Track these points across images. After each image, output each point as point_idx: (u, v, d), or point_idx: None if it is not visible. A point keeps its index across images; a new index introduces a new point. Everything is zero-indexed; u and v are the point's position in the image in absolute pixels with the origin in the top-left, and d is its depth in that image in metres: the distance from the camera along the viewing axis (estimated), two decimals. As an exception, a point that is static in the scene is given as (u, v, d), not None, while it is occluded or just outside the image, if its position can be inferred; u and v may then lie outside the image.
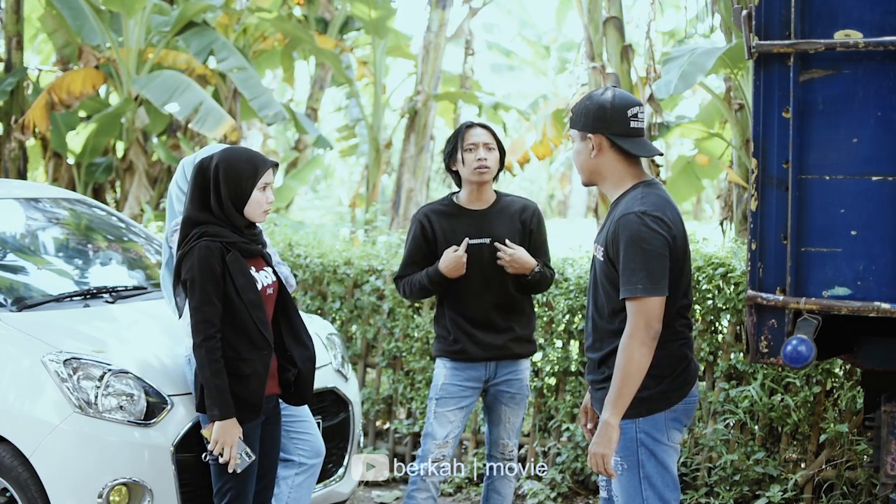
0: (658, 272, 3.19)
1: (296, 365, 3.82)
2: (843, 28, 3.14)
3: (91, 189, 11.82)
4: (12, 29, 11.65)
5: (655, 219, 3.22)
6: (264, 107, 10.44)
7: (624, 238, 3.21)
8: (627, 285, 3.20)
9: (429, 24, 12.59)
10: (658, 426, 3.31)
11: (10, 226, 4.97)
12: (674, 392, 3.33)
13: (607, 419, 3.19)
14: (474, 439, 6.06)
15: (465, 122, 4.38)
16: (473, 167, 4.29)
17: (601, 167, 3.37)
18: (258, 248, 3.82)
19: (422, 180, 12.73)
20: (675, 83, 7.13)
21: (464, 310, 4.38)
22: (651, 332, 3.18)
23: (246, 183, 3.70)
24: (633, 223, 3.21)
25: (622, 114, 3.32)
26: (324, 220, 21.90)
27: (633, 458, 3.30)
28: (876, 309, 3.10)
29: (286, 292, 3.88)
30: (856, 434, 4.87)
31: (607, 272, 3.31)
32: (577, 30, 19.29)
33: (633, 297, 3.18)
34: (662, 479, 3.32)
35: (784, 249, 3.23)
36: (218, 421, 3.60)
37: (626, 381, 3.17)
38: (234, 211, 3.71)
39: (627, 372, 3.17)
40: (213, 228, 3.68)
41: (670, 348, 3.30)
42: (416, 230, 4.42)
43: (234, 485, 3.70)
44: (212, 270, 3.61)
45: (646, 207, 3.23)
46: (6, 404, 3.91)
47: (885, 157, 3.11)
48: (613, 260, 3.27)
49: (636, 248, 3.19)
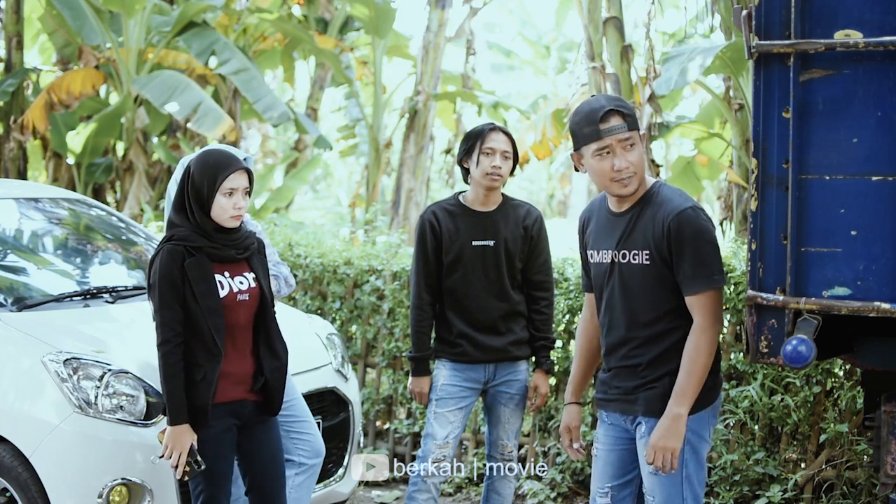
0: (720, 263, 3.30)
1: (264, 374, 3.77)
2: (843, 28, 3.14)
3: (91, 189, 11.83)
4: (12, 29, 11.66)
5: (704, 212, 3.30)
6: (268, 108, 10.43)
7: (690, 233, 3.24)
8: (703, 278, 3.24)
9: (428, 24, 12.59)
10: (703, 423, 3.34)
11: (10, 226, 4.97)
12: (715, 387, 3.38)
13: (679, 412, 3.20)
14: (474, 439, 6.06)
15: (489, 124, 4.34)
16: (487, 172, 4.28)
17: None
18: (233, 253, 3.74)
19: (422, 180, 12.73)
20: (674, 79, 7.14)
21: (465, 311, 4.37)
22: (722, 324, 3.31)
23: (207, 188, 3.65)
24: (693, 218, 3.26)
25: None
26: (324, 220, 21.89)
27: (679, 458, 3.29)
28: (876, 309, 3.10)
29: (266, 300, 3.81)
30: (856, 434, 4.87)
31: (657, 274, 3.30)
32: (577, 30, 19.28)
33: (709, 289, 3.23)
34: (699, 478, 3.35)
35: (784, 249, 3.22)
36: (169, 426, 3.58)
37: (701, 375, 3.21)
38: (203, 215, 3.67)
39: (703, 365, 3.21)
40: (181, 231, 3.66)
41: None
42: (422, 232, 4.39)
43: (206, 487, 3.67)
44: (170, 275, 3.60)
45: (693, 202, 3.29)
46: (6, 404, 3.91)
47: (885, 157, 3.10)
48: (667, 259, 3.28)
49: (703, 241, 3.25)
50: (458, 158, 4.39)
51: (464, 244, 4.34)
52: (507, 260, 4.37)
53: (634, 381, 3.37)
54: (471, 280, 4.34)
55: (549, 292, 4.48)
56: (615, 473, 3.49)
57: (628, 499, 3.50)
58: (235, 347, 3.73)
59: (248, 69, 10.49)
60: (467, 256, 4.35)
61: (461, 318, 4.37)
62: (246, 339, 3.77)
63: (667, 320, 3.30)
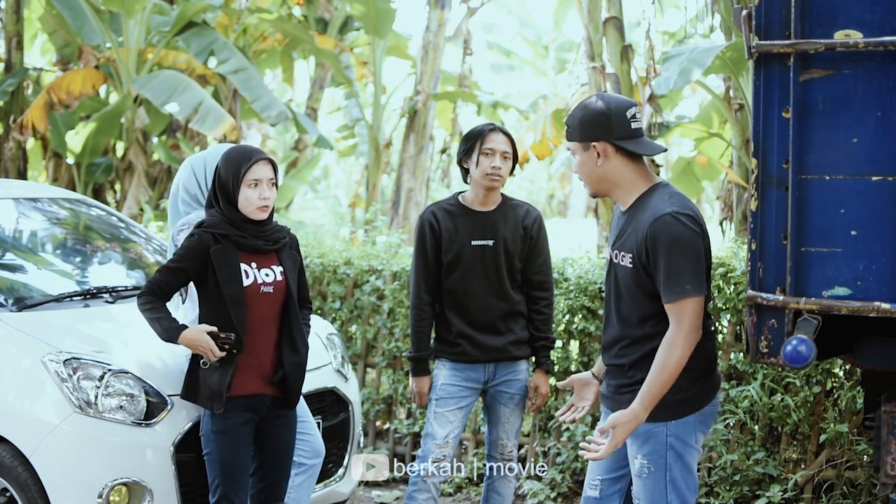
0: (700, 271, 3.19)
1: (283, 367, 3.83)
2: (843, 28, 3.14)
3: (91, 189, 11.82)
4: (12, 29, 11.65)
5: (689, 217, 3.20)
6: (267, 108, 10.43)
7: (663, 240, 3.17)
8: (675, 287, 3.16)
9: (428, 24, 12.59)
10: (688, 429, 3.31)
11: (10, 226, 4.97)
12: (706, 394, 3.33)
13: (639, 411, 3.17)
14: (474, 439, 6.06)
15: (489, 125, 4.35)
16: (486, 173, 4.28)
17: (609, 174, 3.32)
18: (261, 244, 3.82)
19: (421, 180, 12.73)
20: (674, 79, 7.14)
21: (465, 311, 4.38)
22: (698, 332, 3.19)
23: (232, 181, 3.76)
24: (670, 224, 3.17)
25: (622, 117, 3.29)
26: (324, 220, 21.89)
27: (662, 462, 3.29)
28: (876, 309, 3.10)
29: (292, 295, 3.87)
30: (856, 434, 4.87)
31: (637, 278, 3.27)
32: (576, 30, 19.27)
33: (681, 298, 3.15)
34: (686, 482, 3.32)
35: (784, 249, 3.23)
36: (177, 342, 3.71)
37: (668, 381, 3.16)
38: (231, 207, 3.77)
39: (673, 372, 3.16)
40: (211, 220, 3.77)
41: (704, 349, 3.30)
42: (422, 232, 4.40)
43: (223, 480, 3.74)
44: (189, 254, 3.74)
45: (677, 207, 3.20)
46: (6, 404, 3.91)
47: (885, 157, 3.11)
48: (647, 265, 3.23)
49: (678, 249, 3.16)
50: (457, 158, 4.40)
51: (463, 244, 4.35)
52: (507, 260, 4.37)
53: (621, 379, 3.38)
54: (470, 280, 4.35)
55: (549, 292, 4.48)
56: (607, 467, 3.49)
57: (617, 495, 3.50)
58: (257, 339, 3.80)
59: (246, 69, 10.49)
60: (467, 256, 4.35)
61: (461, 317, 4.38)
62: (269, 332, 3.83)
63: (650, 324, 3.28)
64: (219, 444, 3.74)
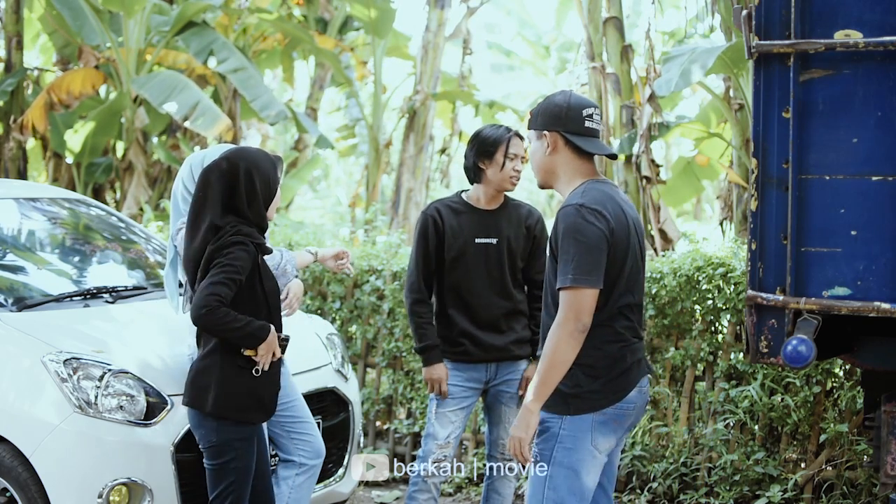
0: (590, 264, 3.16)
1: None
2: (843, 28, 3.14)
3: (91, 189, 11.81)
4: (12, 29, 11.65)
5: (593, 211, 3.20)
6: (266, 107, 10.43)
7: (562, 229, 3.21)
8: (560, 275, 3.18)
9: (427, 24, 12.59)
10: (583, 427, 3.25)
11: (10, 226, 4.96)
12: (606, 394, 3.26)
13: (527, 405, 3.18)
14: (474, 439, 6.06)
15: (508, 129, 4.42)
16: (509, 176, 4.36)
17: (555, 165, 3.38)
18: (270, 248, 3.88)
19: (421, 180, 12.73)
20: (675, 81, 7.13)
21: (468, 308, 4.38)
22: (580, 324, 3.15)
23: (275, 185, 3.80)
24: (569, 215, 3.21)
25: (577, 113, 3.33)
26: (323, 220, 21.88)
27: (548, 455, 3.27)
28: (876, 309, 3.11)
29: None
30: (856, 434, 4.87)
31: (553, 267, 3.29)
32: (577, 30, 19.26)
33: (564, 288, 3.16)
34: (569, 483, 3.24)
35: (784, 249, 3.23)
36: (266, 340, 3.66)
37: (550, 371, 3.14)
38: (265, 212, 3.78)
39: (552, 361, 3.14)
40: (245, 228, 3.70)
41: (608, 349, 3.25)
42: (425, 227, 4.41)
43: (236, 487, 3.73)
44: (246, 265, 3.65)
45: (584, 200, 3.23)
46: (6, 404, 3.91)
47: (885, 157, 3.11)
48: (555, 253, 3.26)
49: (570, 238, 3.18)
50: (471, 160, 4.39)
51: (467, 241, 4.37)
52: (510, 258, 4.39)
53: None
54: (473, 277, 4.36)
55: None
56: None
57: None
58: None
59: (245, 68, 10.49)
60: (470, 253, 4.37)
61: (464, 315, 4.39)
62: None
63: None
64: (241, 451, 3.73)
